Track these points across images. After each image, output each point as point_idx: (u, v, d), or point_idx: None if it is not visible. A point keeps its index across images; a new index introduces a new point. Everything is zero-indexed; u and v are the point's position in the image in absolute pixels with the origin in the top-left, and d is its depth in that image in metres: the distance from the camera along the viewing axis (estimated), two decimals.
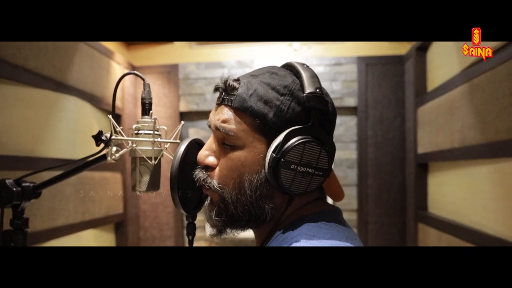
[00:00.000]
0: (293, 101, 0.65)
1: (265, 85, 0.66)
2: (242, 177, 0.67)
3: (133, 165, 0.79)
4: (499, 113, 1.38)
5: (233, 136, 0.66)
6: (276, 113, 0.64)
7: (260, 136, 0.66)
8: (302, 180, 0.64)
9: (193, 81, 2.68)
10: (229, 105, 0.67)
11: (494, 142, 1.40)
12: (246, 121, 0.66)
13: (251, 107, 0.65)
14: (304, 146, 0.62)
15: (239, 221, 0.69)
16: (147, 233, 2.56)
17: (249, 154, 0.67)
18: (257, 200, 0.67)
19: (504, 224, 1.37)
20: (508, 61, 1.33)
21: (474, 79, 1.57)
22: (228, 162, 0.68)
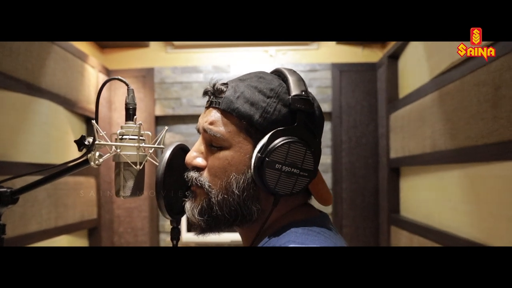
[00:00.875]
0: (279, 103, 0.67)
1: (252, 88, 0.68)
2: (229, 176, 0.68)
3: (117, 170, 0.79)
4: (468, 120, 1.45)
5: (219, 137, 0.68)
6: (262, 115, 0.66)
7: (246, 137, 0.68)
8: (287, 181, 0.65)
9: (169, 85, 2.67)
10: (216, 107, 0.69)
11: (464, 147, 1.47)
12: (233, 122, 0.68)
13: (238, 109, 0.67)
14: (289, 146, 0.64)
15: (224, 222, 0.70)
16: (121, 239, 2.52)
17: (236, 154, 0.68)
18: (244, 201, 0.68)
19: (473, 226, 1.44)
20: (475, 71, 1.40)
21: (444, 87, 1.64)
22: (216, 162, 0.69)
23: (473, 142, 1.41)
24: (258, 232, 0.71)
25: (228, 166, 0.68)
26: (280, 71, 0.72)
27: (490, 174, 1.33)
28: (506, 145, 1.22)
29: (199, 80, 2.67)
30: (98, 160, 0.80)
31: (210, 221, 0.70)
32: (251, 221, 0.70)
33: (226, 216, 0.69)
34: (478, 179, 1.41)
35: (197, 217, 0.71)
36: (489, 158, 1.32)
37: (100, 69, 2.48)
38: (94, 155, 0.82)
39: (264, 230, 0.71)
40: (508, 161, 1.22)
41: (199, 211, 0.71)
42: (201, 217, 0.70)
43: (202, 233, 0.74)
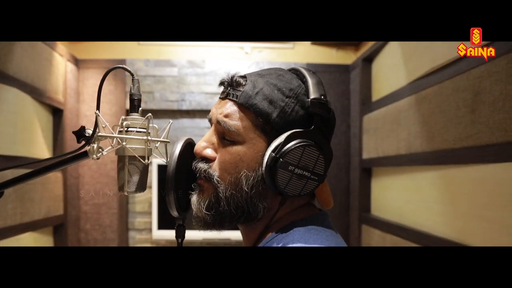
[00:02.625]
0: (297, 104, 0.67)
1: (272, 86, 0.67)
2: (240, 172, 0.67)
3: (121, 164, 0.75)
4: (446, 124, 1.51)
5: (234, 131, 0.67)
6: (280, 114, 0.66)
7: (261, 134, 0.67)
8: (297, 183, 0.66)
9: (142, 78, 2.59)
10: (233, 100, 0.68)
11: (441, 150, 1.53)
12: (249, 118, 0.67)
13: (256, 105, 0.66)
14: (304, 149, 0.64)
15: (230, 218, 0.69)
16: (88, 236, 2.42)
17: (248, 151, 0.67)
18: (252, 198, 0.67)
19: (448, 225, 1.50)
20: (455, 77, 1.46)
21: (421, 92, 1.70)
22: (227, 156, 0.68)
23: (451, 145, 1.47)
24: (263, 231, 0.71)
25: (239, 161, 0.67)
26: (299, 71, 0.71)
27: (467, 176, 1.39)
28: (484, 149, 1.29)
29: (173, 74, 2.62)
30: (101, 152, 0.76)
31: (216, 216, 0.70)
32: (256, 219, 0.70)
33: (232, 212, 0.68)
34: (454, 181, 1.47)
35: (204, 211, 0.70)
36: (467, 161, 1.38)
37: (69, 58, 2.36)
38: (93, 148, 0.78)
39: (267, 229, 0.71)
40: (486, 164, 1.29)
41: (207, 205, 0.70)
42: (208, 212, 0.69)
43: (205, 228, 0.73)
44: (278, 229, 0.70)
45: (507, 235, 1.19)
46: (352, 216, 2.51)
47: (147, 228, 2.55)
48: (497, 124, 1.23)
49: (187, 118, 2.64)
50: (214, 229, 0.72)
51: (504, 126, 1.20)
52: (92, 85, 2.54)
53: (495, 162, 1.25)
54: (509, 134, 1.18)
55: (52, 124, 2.25)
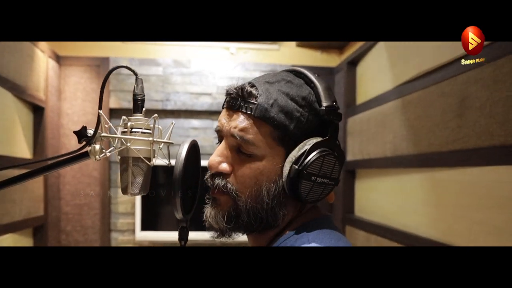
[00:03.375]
0: (310, 113, 0.67)
1: (284, 95, 0.67)
2: (260, 185, 0.67)
3: (124, 166, 0.74)
4: (431, 128, 1.55)
5: (252, 145, 0.66)
6: (296, 125, 0.66)
7: (278, 146, 0.67)
8: (317, 190, 0.67)
9: (125, 77, 2.55)
10: (248, 113, 0.67)
11: (427, 153, 1.57)
12: (266, 131, 0.66)
13: (273, 118, 0.65)
14: (323, 159, 0.65)
15: (248, 228, 0.70)
16: (69, 237, 2.36)
17: (268, 164, 0.67)
18: (273, 208, 0.68)
19: (433, 227, 1.54)
20: (441, 82, 1.50)
21: (407, 96, 1.74)
22: (246, 171, 0.68)
23: (437, 148, 1.51)
24: (275, 235, 0.72)
25: (259, 175, 0.67)
26: (305, 75, 0.71)
27: (453, 178, 1.43)
28: (470, 153, 1.33)
29: (158, 74, 2.59)
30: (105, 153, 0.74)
31: (235, 227, 0.70)
32: (274, 226, 0.70)
33: (251, 223, 0.69)
34: (439, 183, 1.51)
35: (225, 224, 0.69)
36: (453, 164, 1.42)
37: (50, 54, 2.30)
38: (95, 149, 0.76)
39: (280, 233, 0.71)
40: (472, 167, 1.33)
41: (227, 218, 0.69)
42: (228, 225, 0.69)
43: (219, 237, 0.73)
44: (290, 231, 0.70)
45: (492, 236, 1.23)
46: (336, 217, 2.54)
47: (130, 229, 2.51)
48: (483, 128, 1.27)
49: (171, 118, 2.62)
50: (228, 237, 0.72)
51: (490, 130, 1.24)
52: (74, 83, 2.48)
53: (481, 165, 1.29)
54: (495, 139, 1.22)
55: (33, 122, 2.19)
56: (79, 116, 2.46)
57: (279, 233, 0.71)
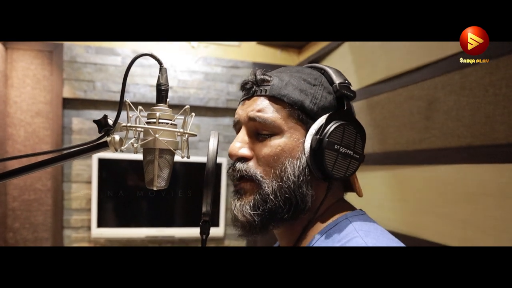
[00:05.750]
0: (324, 91, 0.68)
1: (297, 77, 0.69)
2: (284, 164, 0.66)
3: (150, 158, 0.72)
4: (399, 128, 1.66)
5: (270, 123, 0.67)
6: (312, 100, 0.67)
7: (297, 122, 0.68)
8: (342, 163, 0.66)
9: (81, 65, 2.41)
10: (263, 95, 0.68)
11: (393, 151, 1.68)
12: (283, 108, 0.67)
13: (288, 95, 0.67)
14: (344, 128, 0.65)
15: (278, 213, 0.67)
16: (16, 235, 2.18)
17: (288, 140, 0.67)
18: (299, 187, 0.66)
19: (399, 221, 1.65)
20: (409, 86, 1.61)
21: (373, 97, 1.84)
22: (267, 150, 0.67)
23: (404, 147, 1.62)
24: (306, 225, 0.70)
25: (281, 152, 0.67)
26: (314, 66, 0.74)
27: (419, 175, 1.55)
28: (437, 152, 1.45)
29: (116, 64, 2.47)
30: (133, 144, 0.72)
31: (264, 215, 0.67)
32: (304, 210, 0.68)
33: (281, 206, 0.66)
34: (405, 180, 1.63)
35: (251, 212, 0.67)
36: (419, 162, 1.54)
37: None
38: (114, 139, 0.74)
39: (311, 222, 0.70)
40: (438, 165, 1.45)
41: (253, 205, 0.67)
42: (255, 211, 0.67)
43: (247, 232, 0.70)
44: (324, 224, 0.69)
45: (459, 229, 1.35)
46: None
47: (84, 226, 2.38)
48: (450, 130, 1.40)
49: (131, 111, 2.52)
50: (257, 232, 0.69)
51: (457, 132, 1.37)
52: (22, 68, 2.29)
53: (447, 163, 1.41)
54: (462, 140, 1.35)
55: None
56: (29, 105, 2.28)
57: (312, 221, 0.69)
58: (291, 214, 0.68)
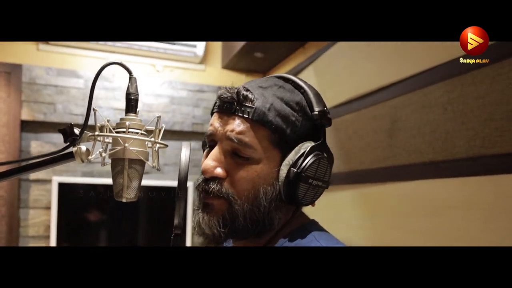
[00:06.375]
0: (303, 118, 0.69)
1: (279, 100, 0.68)
2: (257, 188, 0.67)
3: (119, 168, 0.69)
4: (363, 147, 1.70)
5: (250, 149, 0.67)
6: (292, 129, 0.68)
7: (275, 149, 0.68)
8: (311, 193, 0.69)
9: (41, 87, 2.33)
10: (245, 117, 0.67)
11: (358, 170, 1.71)
12: (263, 134, 0.67)
13: (271, 122, 0.67)
14: (319, 162, 0.68)
15: (244, 232, 0.69)
16: None
17: (265, 167, 0.68)
18: (269, 212, 0.68)
19: (368, 238, 1.67)
20: (373, 106, 1.67)
21: (338, 118, 1.89)
22: (243, 174, 0.68)
23: (368, 166, 1.66)
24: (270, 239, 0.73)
25: (256, 178, 0.68)
26: (293, 81, 0.74)
27: (385, 192, 1.58)
28: (401, 169, 1.49)
29: (79, 86, 2.41)
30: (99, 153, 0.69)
31: (230, 232, 0.69)
32: (269, 230, 0.71)
33: (248, 227, 0.68)
34: (371, 198, 1.66)
35: (218, 228, 0.68)
36: (384, 180, 1.57)
37: None
38: (80, 150, 0.71)
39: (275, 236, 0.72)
40: (403, 181, 1.49)
41: (222, 223, 0.68)
42: (223, 229, 0.68)
43: (214, 242, 0.70)
44: (286, 234, 0.72)
45: (427, 242, 1.37)
46: None
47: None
48: (413, 147, 1.44)
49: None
50: (220, 243, 0.71)
51: (420, 149, 1.41)
52: None
53: (411, 179, 1.45)
54: (424, 156, 1.39)
55: None
56: None
57: (274, 237, 0.72)
58: (256, 233, 0.70)
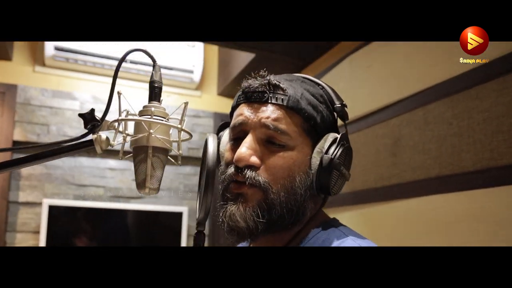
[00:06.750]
0: (327, 109, 0.71)
1: (307, 91, 0.69)
2: (294, 176, 0.66)
3: (142, 156, 0.66)
4: (366, 166, 1.69)
5: (286, 135, 0.66)
6: (321, 118, 0.69)
7: (307, 137, 0.68)
8: (340, 181, 0.69)
9: (36, 108, 2.29)
10: (279, 104, 0.67)
11: (362, 190, 1.70)
12: (297, 122, 0.67)
13: (305, 109, 0.67)
14: (347, 151, 0.69)
15: (280, 223, 0.66)
16: None
17: (299, 154, 0.67)
18: (305, 200, 0.67)
19: None
20: (375, 125, 1.68)
21: None
22: (279, 161, 0.66)
23: (372, 185, 1.65)
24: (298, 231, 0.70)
25: (292, 165, 0.66)
26: (310, 79, 0.75)
27: (390, 211, 1.56)
28: (406, 186, 1.48)
29: (74, 108, 2.38)
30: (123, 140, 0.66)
31: (267, 223, 0.65)
32: (301, 221, 0.69)
33: (284, 216, 0.66)
34: (378, 217, 1.63)
35: (256, 219, 0.64)
36: (389, 198, 1.56)
37: None
38: (100, 137, 0.68)
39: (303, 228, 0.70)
40: (408, 198, 1.48)
41: (257, 213, 0.64)
42: (260, 219, 0.64)
43: (244, 238, 0.67)
44: (314, 227, 0.70)
45: None
46: None
47: None
48: (418, 164, 1.45)
49: (86, 157, 2.39)
50: (251, 238, 0.68)
51: (425, 165, 1.42)
52: None
53: (417, 196, 1.44)
54: (430, 171, 1.39)
55: None
56: None
57: (302, 230, 0.70)
58: (290, 224, 0.68)
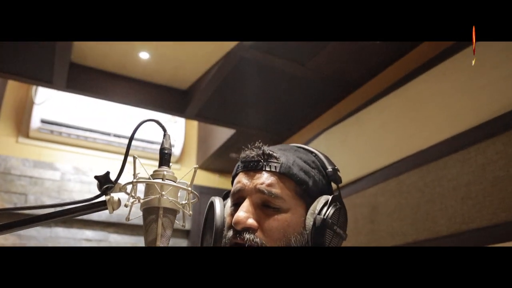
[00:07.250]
0: (320, 174, 0.78)
1: (299, 158, 0.77)
2: (289, 237, 0.71)
3: (153, 217, 0.71)
4: None
5: (279, 199, 0.72)
6: (313, 182, 0.75)
7: (300, 200, 0.74)
8: (335, 241, 0.73)
9: (15, 178, 2.28)
10: (272, 171, 0.74)
11: None
12: (289, 186, 0.73)
13: (296, 175, 0.74)
14: (340, 211, 0.74)
15: None
16: None
17: (293, 216, 0.72)
18: None
19: None
20: (352, 195, 1.77)
21: None
22: (274, 223, 0.71)
23: None
24: None
25: (287, 227, 0.71)
26: (302, 147, 0.83)
27: None
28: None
29: (54, 178, 2.38)
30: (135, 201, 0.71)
31: None
32: None
33: None
34: None
35: None
36: None
37: None
38: (113, 199, 0.73)
39: None
40: None
41: None
42: None
43: None
44: None
45: None
46: None
47: None
48: (395, 230, 1.52)
49: (62, 227, 2.34)
50: None
51: (402, 231, 1.50)
52: None
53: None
54: (407, 237, 1.47)
55: None
56: None
57: None
58: None
